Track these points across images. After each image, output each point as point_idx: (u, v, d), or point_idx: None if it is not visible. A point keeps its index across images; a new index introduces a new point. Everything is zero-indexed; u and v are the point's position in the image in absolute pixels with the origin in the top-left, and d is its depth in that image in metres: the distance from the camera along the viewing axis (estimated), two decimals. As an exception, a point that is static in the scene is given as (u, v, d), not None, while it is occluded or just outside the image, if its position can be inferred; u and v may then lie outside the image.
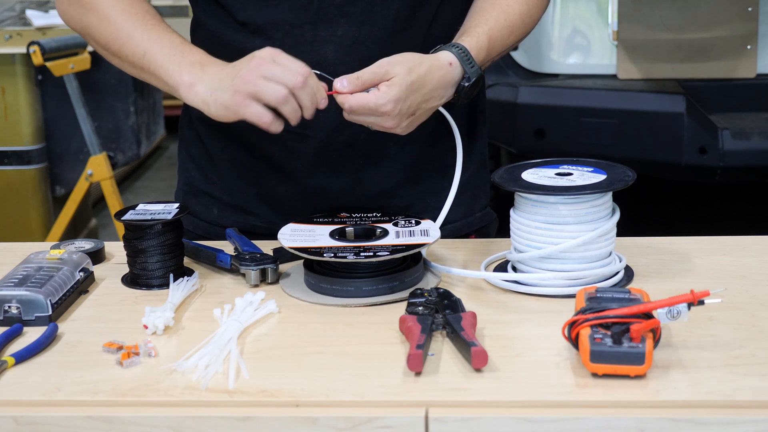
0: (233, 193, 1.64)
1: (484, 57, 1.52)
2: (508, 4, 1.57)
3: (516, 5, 1.57)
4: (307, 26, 1.52)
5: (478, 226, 1.70)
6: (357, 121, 1.44)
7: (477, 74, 1.49)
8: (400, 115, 1.43)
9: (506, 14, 1.56)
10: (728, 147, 3.51)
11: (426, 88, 1.44)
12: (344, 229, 1.47)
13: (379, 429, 1.10)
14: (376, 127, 1.45)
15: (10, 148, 3.91)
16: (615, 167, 1.44)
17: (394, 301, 1.38)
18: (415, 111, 1.45)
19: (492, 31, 1.53)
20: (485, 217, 1.72)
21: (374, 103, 1.41)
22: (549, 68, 3.82)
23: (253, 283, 1.43)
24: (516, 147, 3.76)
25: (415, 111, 1.45)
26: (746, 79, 3.73)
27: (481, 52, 1.51)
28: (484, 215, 1.71)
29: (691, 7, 3.70)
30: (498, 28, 1.54)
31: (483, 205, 1.72)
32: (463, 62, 1.48)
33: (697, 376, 1.15)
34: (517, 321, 1.33)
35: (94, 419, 1.12)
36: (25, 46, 3.73)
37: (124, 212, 1.47)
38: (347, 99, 1.41)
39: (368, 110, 1.41)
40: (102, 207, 4.74)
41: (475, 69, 1.49)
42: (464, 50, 1.49)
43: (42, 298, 1.33)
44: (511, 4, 1.57)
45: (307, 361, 1.22)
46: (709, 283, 1.39)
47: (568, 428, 1.09)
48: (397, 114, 1.42)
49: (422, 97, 1.44)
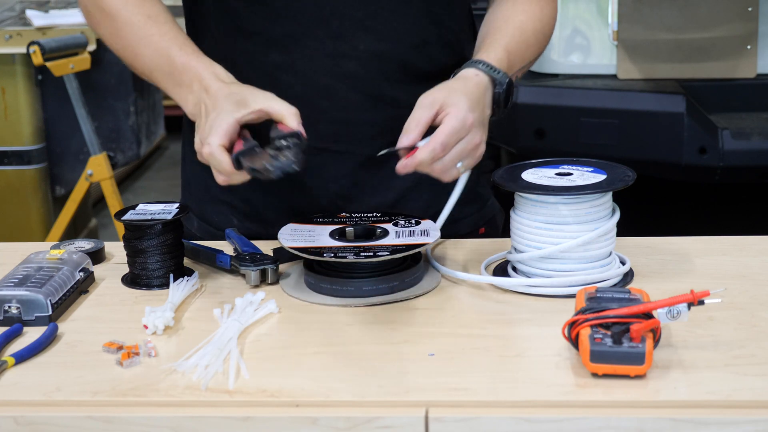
0: (253, 203, 1.62)
1: (506, 69, 1.49)
2: (522, 20, 1.55)
3: (530, 23, 1.56)
4: (328, 40, 1.50)
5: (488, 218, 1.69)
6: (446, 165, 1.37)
7: (506, 79, 1.46)
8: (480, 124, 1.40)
9: (521, 30, 1.54)
10: (728, 147, 3.51)
11: (474, 96, 1.41)
12: (344, 229, 1.47)
13: (379, 429, 1.10)
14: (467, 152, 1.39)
15: (10, 148, 3.91)
16: (615, 167, 1.44)
17: (394, 301, 1.38)
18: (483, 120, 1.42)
19: (509, 45, 1.51)
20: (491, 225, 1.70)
21: (458, 120, 1.36)
22: (549, 68, 3.82)
23: (253, 283, 1.43)
24: (516, 147, 3.76)
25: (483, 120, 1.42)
26: (746, 79, 3.73)
27: (501, 63, 1.48)
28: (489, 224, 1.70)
29: (691, 7, 3.70)
30: (515, 43, 1.52)
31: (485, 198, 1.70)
32: (488, 71, 1.46)
33: (697, 376, 1.15)
34: (517, 321, 1.33)
35: (94, 419, 1.12)
36: (25, 46, 3.73)
37: (124, 212, 1.47)
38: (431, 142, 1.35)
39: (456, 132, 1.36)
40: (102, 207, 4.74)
41: (501, 74, 1.46)
42: (484, 63, 1.46)
43: (42, 298, 1.33)
44: (525, 21, 1.55)
45: (307, 361, 1.22)
46: (709, 283, 1.39)
47: (568, 428, 1.09)
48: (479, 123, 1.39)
49: (482, 106, 1.42)
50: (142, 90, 4.18)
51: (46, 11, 4.13)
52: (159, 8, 1.53)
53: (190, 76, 1.43)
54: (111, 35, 1.55)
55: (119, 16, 1.52)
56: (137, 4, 1.52)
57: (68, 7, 4.29)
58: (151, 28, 1.50)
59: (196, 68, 1.43)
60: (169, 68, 1.46)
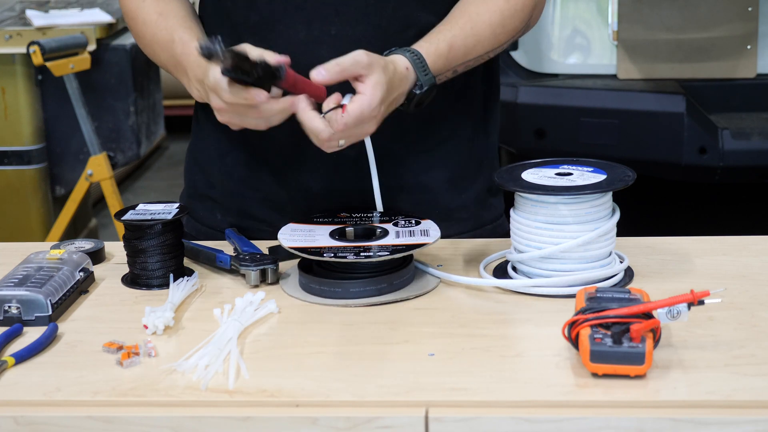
0: (236, 197, 1.63)
1: (443, 65, 1.47)
2: (477, 12, 1.51)
3: (486, 15, 1.51)
4: (301, 26, 1.50)
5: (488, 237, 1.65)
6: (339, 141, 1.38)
7: (430, 82, 1.44)
8: (381, 117, 1.39)
9: (473, 23, 1.50)
10: (728, 147, 3.51)
11: (395, 91, 1.40)
12: (344, 229, 1.47)
13: (379, 429, 1.10)
14: (354, 138, 1.40)
15: (10, 148, 3.91)
16: (615, 167, 1.44)
17: (394, 301, 1.38)
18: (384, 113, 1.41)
19: (455, 39, 1.48)
20: (497, 229, 1.67)
21: (369, 108, 1.36)
22: (549, 68, 3.82)
23: (253, 283, 1.43)
24: (516, 147, 3.76)
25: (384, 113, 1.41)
26: (746, 79, 3.73)
27: (438, 59, 1.46)
28: (495, 227, 1.67)
29: (691, 7, 3.71)
30: (462, 36, 1.48)
31: (495, 216, 1.68)
32: (417, 68, 1.43)
33: (697, 376, 1.15)
34: (517, 321, 1.33)
35: (94, 419, 1.12)
36: (25, 46, 3.73)
37: (124, 212, 1.47)
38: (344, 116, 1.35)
39: (363, 118, 1.36)
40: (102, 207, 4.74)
41: (428, 77, 1.44)
42: (419, 56, 1.44)
43: (42, 298, 1.33)
44: (481, 13, 1.51)
45: (307, 361, 1.22)
46: (709, 283, 1.39)
47: (568, 428, 1.09)
48: (380, 116, 1.39)
49: (390, 100, 1.41)
50: (142, 90, 4.17)
51: (46, 11, 4.12)
52: (173, 4, 1.56)
53: (184, 66, 1.50)
54: (135, 37, 1.62)
55: (138, 17, 1.58)
56: (153, 3, 1.57)
57: (68, 7, 4.29)
58: (160, 23, 1.55)
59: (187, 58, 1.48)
60: (174, 62, 1.52)
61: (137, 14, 1.58)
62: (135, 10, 1.58)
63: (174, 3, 1.57)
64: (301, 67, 1.40)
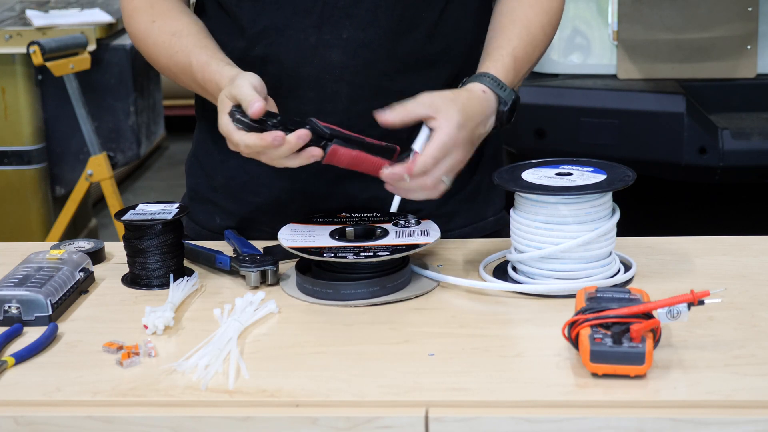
0: (238, 200, 1.63)
1: (513, 78, 1.49)
2: (528, 17, 1.53)
3: (536, 18, 1.54)
4: (311, 29, 1.49)
5: (490, 231, 1.66)
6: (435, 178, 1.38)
7: (512, 97, 1.47)
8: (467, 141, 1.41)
9: (528, 30, 1.53)
10: (728, 147, 3.51)
11: (476, 115, 1.42)
12: (344, 229, 1.47)
13: (379, 429, 1.10)
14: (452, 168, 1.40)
15: (10, 148, 3.91)
16: (615, 167, 1.44)
17: (394, 301, 1.38)
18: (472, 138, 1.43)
19: (516, 50, 1.50)
20: (498, 221, 1.68)
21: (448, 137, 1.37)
22: (549, 68, 3.81)
23: (253, 284, 1.43)
24: (516, 147, 3.76)
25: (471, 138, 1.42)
26: (746, 79, 3.73)
27: (508, 74, 1.48)
28: (497, 220, 1.68)
29: (691, 7, 3.70)
30: (522, 46, 1.51)
31: (497, 209, 1.68)
32: (494, 88, 1.46)
33: (697, 376, 1.15)
34: (517, 321, 1.33)
35: (94, 419, 1.12)
36: (25, 46, 3.73)
37: (124, 212, 1.47)
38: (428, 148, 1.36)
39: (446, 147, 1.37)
40: (102, 207, 4.74)
41: (508, 92, 1.47)
42: (491, 77, 1.46)
43: (42, 298, 1.33)
44: (531, 18, 1.54)
45: (307, 361, 1.22)
46: (709, 283, 1.39)
47: (567, 428, 1.09)
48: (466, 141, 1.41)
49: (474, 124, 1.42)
50: (142, 90, 4.17)
51: (46, 11, 4.13)
52: (184, 22, 1.54)
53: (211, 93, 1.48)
54: (148, 59, 1.59)
55: (149, 39, 1.55)
56: (163, 23, 1.54)
57: (68, 7, 4.29)
58: (175, 45, 1.52)
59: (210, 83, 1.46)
60: (197, 85, 1.51)
61: (148, 35, 1.55)
62: (145, 31, 1.55)
63: (185, 19, 1.54)
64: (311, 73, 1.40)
